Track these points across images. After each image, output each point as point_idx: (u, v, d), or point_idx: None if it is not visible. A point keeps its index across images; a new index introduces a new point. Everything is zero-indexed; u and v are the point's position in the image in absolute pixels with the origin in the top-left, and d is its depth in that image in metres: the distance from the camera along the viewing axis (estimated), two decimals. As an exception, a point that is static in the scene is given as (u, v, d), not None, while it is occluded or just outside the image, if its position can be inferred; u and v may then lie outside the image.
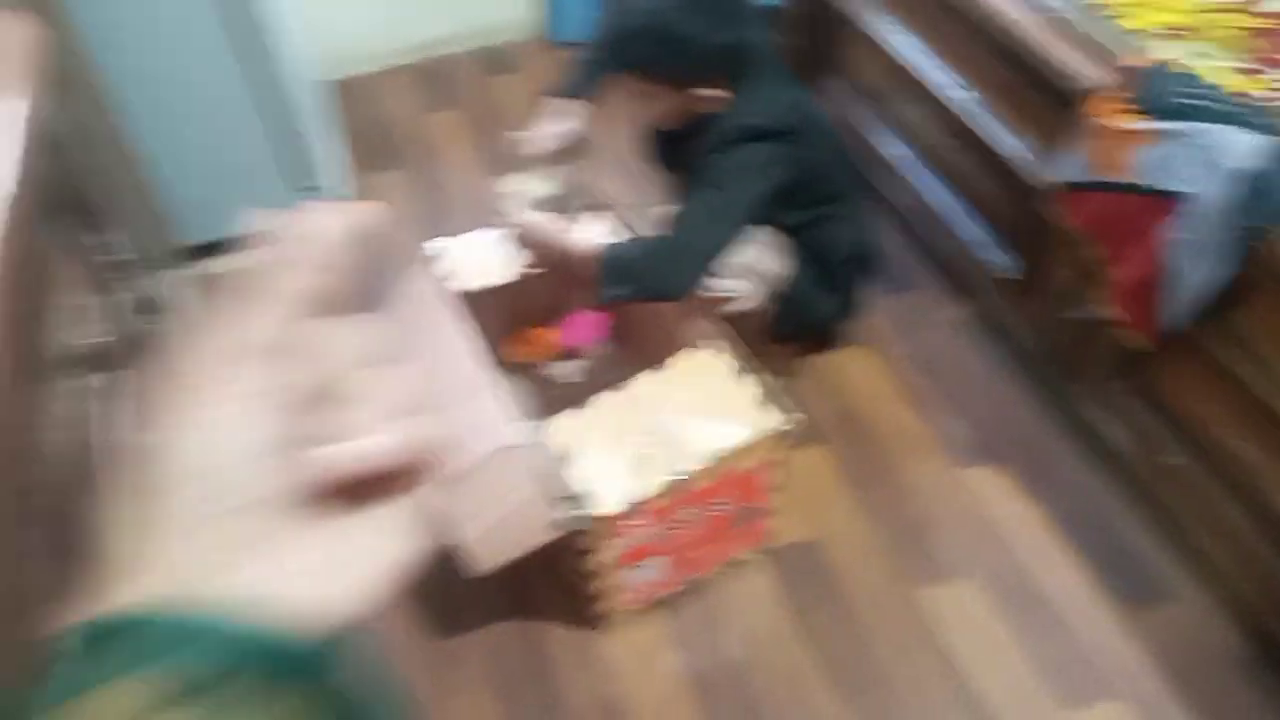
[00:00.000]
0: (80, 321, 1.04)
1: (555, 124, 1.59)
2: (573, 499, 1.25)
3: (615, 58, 1.49)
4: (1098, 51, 1.34)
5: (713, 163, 1.46)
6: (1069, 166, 1.37)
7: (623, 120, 1.62)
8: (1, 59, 0.99)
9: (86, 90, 1.39)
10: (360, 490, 0.28)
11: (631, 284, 1.42)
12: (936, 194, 1.83)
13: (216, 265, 1.91)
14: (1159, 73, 1.25)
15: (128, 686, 0.24)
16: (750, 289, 1.57)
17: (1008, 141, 1.59)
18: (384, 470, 0.28)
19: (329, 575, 0.28)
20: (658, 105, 1.51)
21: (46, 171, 1.04)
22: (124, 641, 0.25)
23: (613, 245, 1.45)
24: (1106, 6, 1.41)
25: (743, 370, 1.39)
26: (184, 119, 1.74)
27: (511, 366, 1.70)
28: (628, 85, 1.51)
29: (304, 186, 1.90)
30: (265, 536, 0.27)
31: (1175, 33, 1.35)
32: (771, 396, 1.36)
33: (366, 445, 0.27)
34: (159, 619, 0.25)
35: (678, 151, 1.57)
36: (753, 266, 1.55)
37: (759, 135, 1.45)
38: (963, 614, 1.48)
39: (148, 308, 1.28)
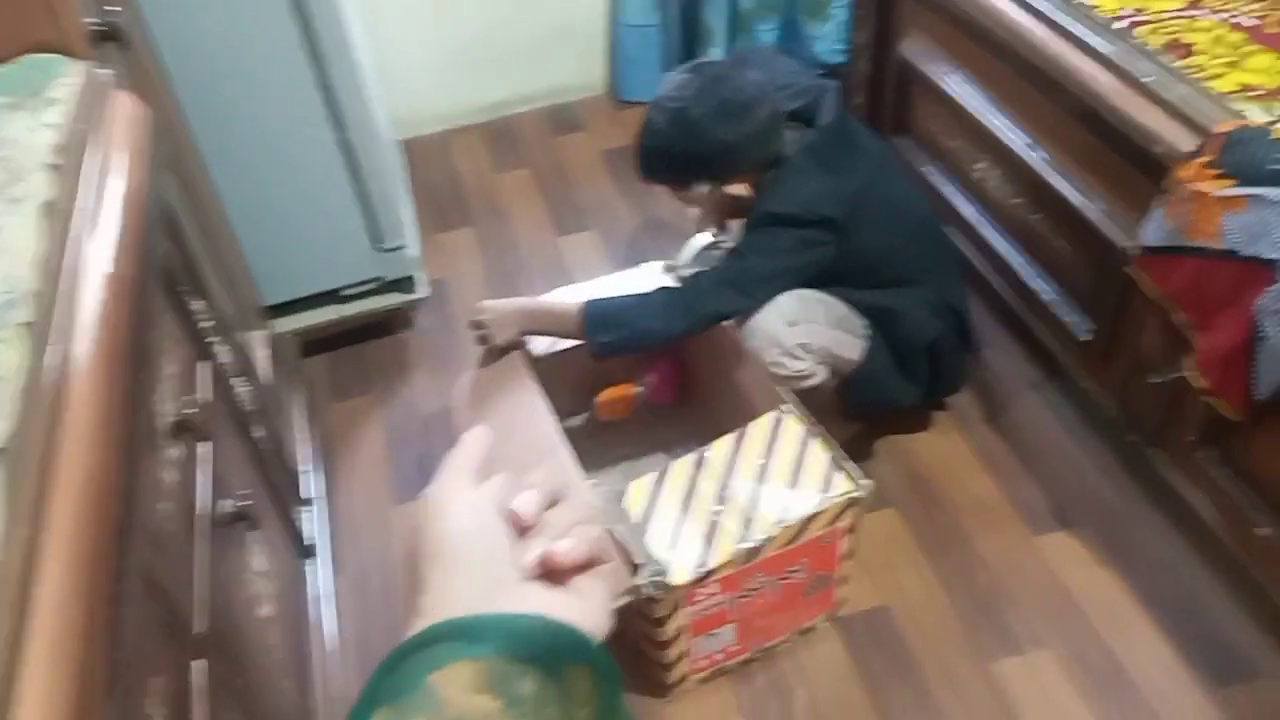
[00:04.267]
0: (185, 387, 1.07)
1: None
2: (648, 565, 1.24)
3: (643, 173, 1.62)
4: (1184, 114, 1.32)
5: (743, 240, 1.55)
6: (1153, 230, 1.35)
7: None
8: (121, 137, 1.04)
9: (189, 162, 1.44)
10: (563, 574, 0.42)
11: (621, 329, 1.49)
12: (1012, 254, 1.81)
13: (293, 323, 1.96)
14: (1249, 137, 1.23)
15: (461, 665, 0.34)
16: (820, 370, 1.56)
17: (1086, 203, 1.56)
18: (575, 564, 0.41)
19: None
20: (698, 203, 1.67)
21: (163, 245, 1.08)
22: (445, 640, 0.36)
23: (594, 298, 1.53)
24: (1193, 68, 1.40)
25: (813, 436, 1.38)
26: (273, 184, 1.80)
27: (600, 424, 1.72)
28: (670, 191, 1.66)
29: (388, 248, 1.94)
30: (509, 586, 0.40)
31: (1267, 95, 1.33)
32: (841, 463, 1.35)
33: (564, 547, 0.41)
34: (466, 620, 0.37)
35: None
36: (826, 349, 1.55)
37: (785, 221, 1.50)
38: (1039, 688, 1.43)
39: (237, 370, 1.31)
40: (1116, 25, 1.52)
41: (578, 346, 1.55)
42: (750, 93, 1.50)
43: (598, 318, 1.49)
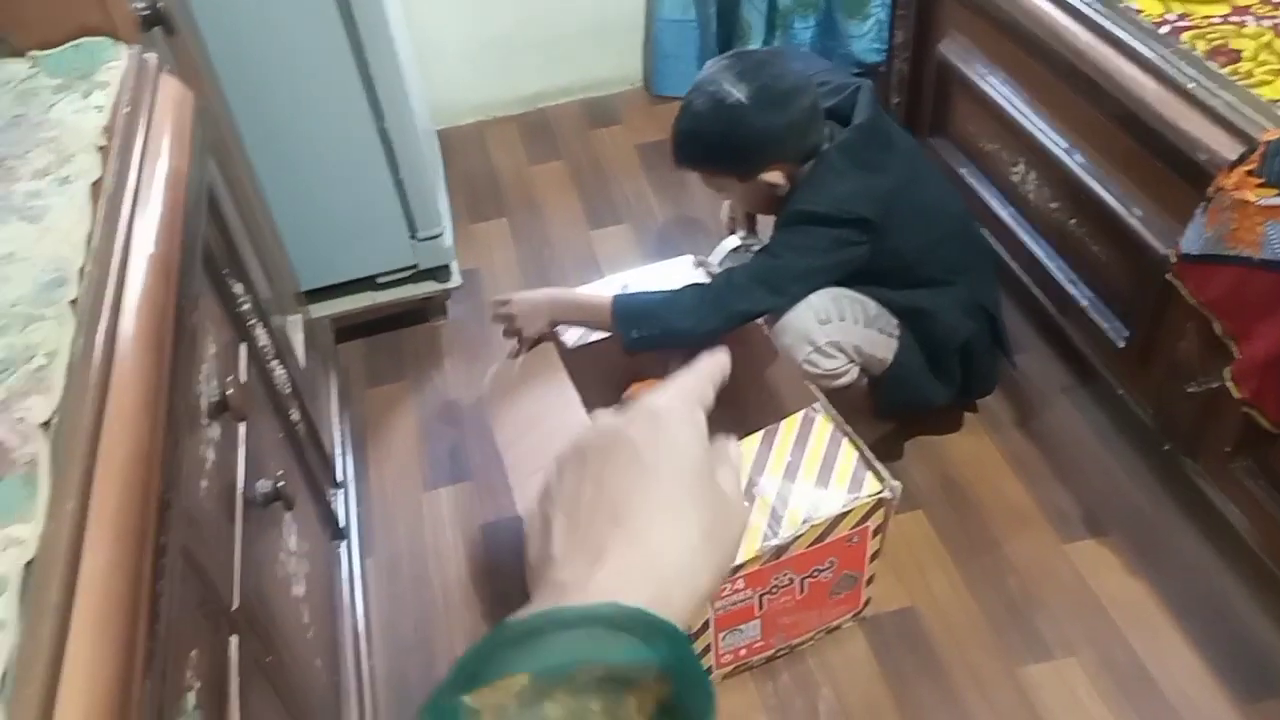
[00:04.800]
0: (225, 368, 1.09)
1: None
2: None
3: (679, 159, 1.59)
4: (1229, 121, 1.31)
5: (775, 237, 1.53)
6: (1193, 238, 1.33)
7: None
8: (166, 121, 1.06)
9: (229, 146, 1.46)
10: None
11: (651, 325, 1.47)
12: (1048, 258, 1.80)
13: (328, 309, 1.98)
14: (1294, 146, 1.21)
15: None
16: (852, 369, 1.56)
17: (1125, 208, 1.55)
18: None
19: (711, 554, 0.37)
20: (731, 193, 1.64)
21: (205, 227, 1.10)
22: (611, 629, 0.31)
23: (622, 294, 1.53)
24: (1239, 74, 1.38)
25: (843, 436, 1.38)
26: (312, 171, 1.82)
27: None
28: (703, 179, 1.63)
29: (423, 236, 1.95)
30: (700, 497, 0.37)
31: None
32: (871, 463, 1.35)
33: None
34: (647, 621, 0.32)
35: None
36: (858, 348, 1.54)
37: (819, 220, 1.48)
38: (1067, 695, 1.42)
39: (274, 353, 1.32)
40: (1161, 30, 1.50)
41: (609, 339, 1.55)
42: (791, 82, 1.48)
43: (628, 313, 1.48)
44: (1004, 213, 1.90)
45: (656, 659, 0.30)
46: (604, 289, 1.58)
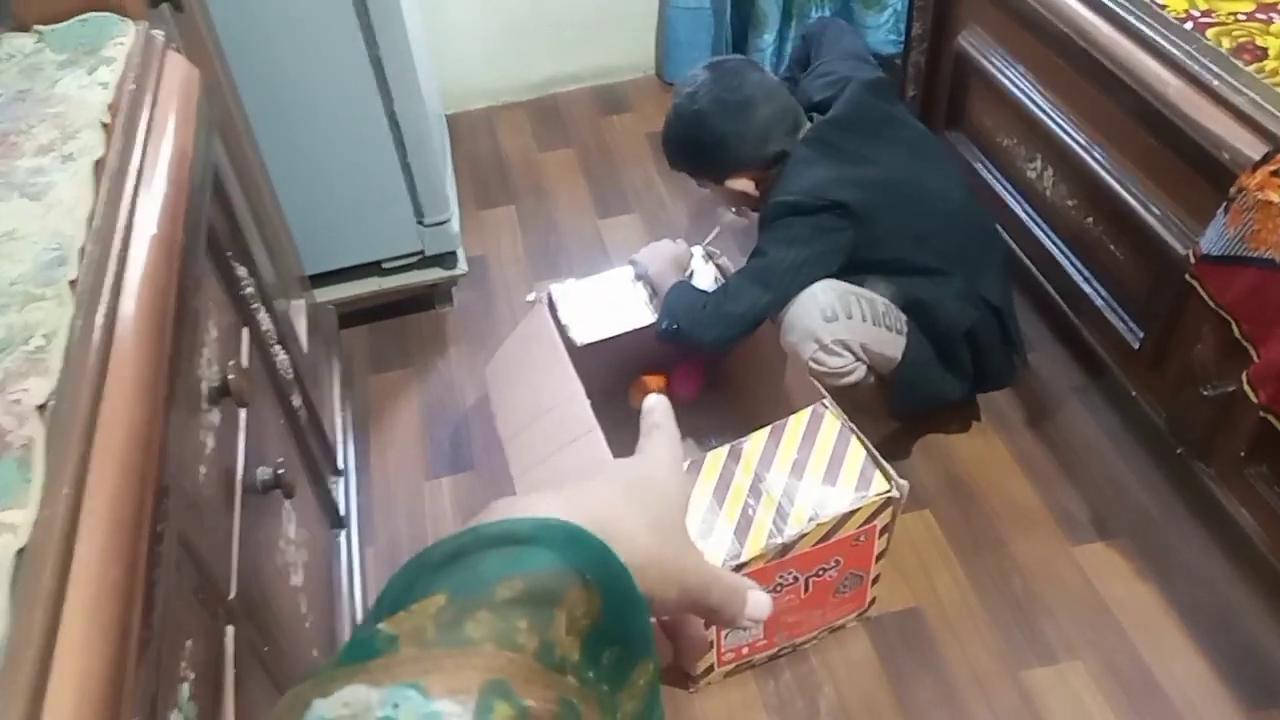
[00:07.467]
0: (227, 352, 1.07)
1: None
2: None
3: (668, 161, 1.72)
4: (1254, 120, 1.28)
5: (760, 236, 1.58)
6: (1214, 239, 1.31)
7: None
8: (172, 99, 1.04)
9: (236, 127, 1.44)
10: None
11: (674, 322, 1.54)
12: (1063, 256, 1.77)
13: (332, 294, 1.96)
14: (1320, 147, 1.19)
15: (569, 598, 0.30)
16: (859, 366, 1.54)
17: (1144, 207, 1.52)
18: None
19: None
20: (715, 195, 1.74)
21: (210, 208, 1.08)
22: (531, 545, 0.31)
23: (682, 284, 1.59)
24: (1267, 72, 1.35)
25: (851, 433, 1.36)
26: (319, 154, 1.79)
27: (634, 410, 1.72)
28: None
29: (431, 222, 1.93)
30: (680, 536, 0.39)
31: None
32: (879, 461, 1.33)
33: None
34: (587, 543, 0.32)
35: None
36: (865, 346, 1.52)
37: (795, 210, 1.51)
38: (1071, 700, 1.41)
39: (277, 338, 1.31)
40: (1185, 25, 1.48)
41: (618, 338, 1.59)
42: (748, 91, 1.57)
43: (669, 303, 1.55)
44: (1019, 209, 1.88)
45: (576, 568, 0.30)
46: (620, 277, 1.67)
